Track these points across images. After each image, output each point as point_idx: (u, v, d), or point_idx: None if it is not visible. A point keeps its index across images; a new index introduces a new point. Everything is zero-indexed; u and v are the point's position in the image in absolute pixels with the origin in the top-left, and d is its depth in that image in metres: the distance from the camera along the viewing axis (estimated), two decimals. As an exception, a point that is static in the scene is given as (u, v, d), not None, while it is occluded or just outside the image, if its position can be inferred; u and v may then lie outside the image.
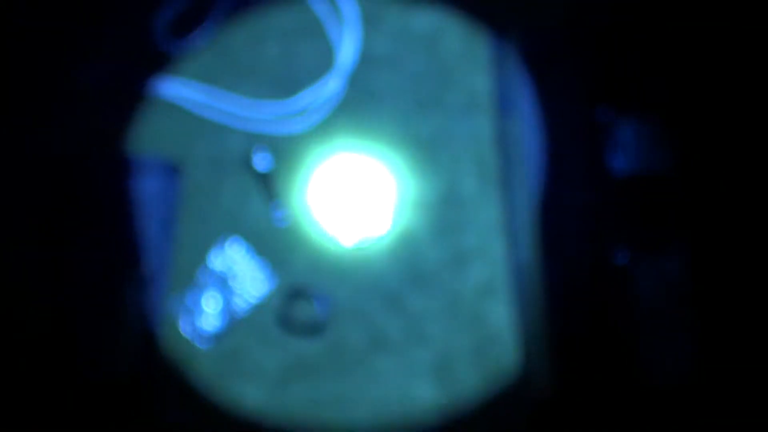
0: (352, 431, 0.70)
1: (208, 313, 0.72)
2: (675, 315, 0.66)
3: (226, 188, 0.75)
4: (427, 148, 0.77)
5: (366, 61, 0.79)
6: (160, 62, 0.78)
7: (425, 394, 0.71)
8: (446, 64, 0.79)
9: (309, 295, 0.73)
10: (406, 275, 0.74)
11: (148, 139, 0.76)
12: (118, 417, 0.69)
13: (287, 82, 0.78)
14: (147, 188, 0.72)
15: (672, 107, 0.69)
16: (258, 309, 0.73)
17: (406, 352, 0.72)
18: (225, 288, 0.73)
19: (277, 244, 0.74)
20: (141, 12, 0.79)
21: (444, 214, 0.75)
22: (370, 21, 0.81)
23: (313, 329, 0.71)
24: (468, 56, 0.80)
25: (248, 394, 0.70)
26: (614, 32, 0.71)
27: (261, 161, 0.75)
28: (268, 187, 0.75)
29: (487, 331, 0.72)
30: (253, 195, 0.75)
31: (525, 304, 0.69)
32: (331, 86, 0.78)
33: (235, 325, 0.72)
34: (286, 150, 0.76)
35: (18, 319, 0.71)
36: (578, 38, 0.70)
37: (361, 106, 0.78)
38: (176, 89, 0.77)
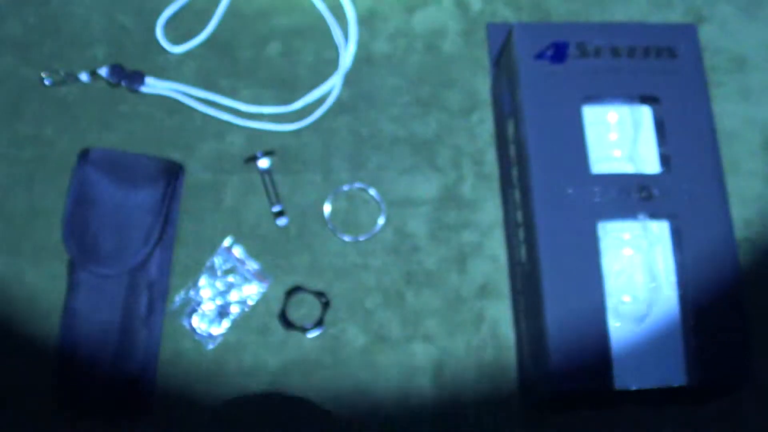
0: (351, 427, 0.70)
1: (209, 312, 0.72)
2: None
3: (226, 188, 0.75)
4: (427, 148, 0.77)
5: (366, 61, 0.79)
6: (159, 62, 0.78)
7: (424, 393, 0.71)
8: (446, 64, 0.79)
9: (309, 294, 0.73)
10: (407, 274, 0.74)
11: (148, 139, 0.76)
12: (118, 417, 0.69)
13: (288, 82, 0.78)
14: (147, 188, 0.72)
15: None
16: (258, 307, 0.73)
17: (405, 350, 0.72)
18: (225, 287, 0.73)
19: (277, 243, 0.74)
20: (141, 11, 0.79)
21: (444, 214, 0.75)
22: (370, 21, 0.81)
23: (313, 327, 0.71)
24: (468, 56, 0.80)
25: (248, 392, 0.70)
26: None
27: (261, 161, 0.75)
28: (269, 186, 0.75)
29: (487, 330, 0.72)
30: (253, 194, 0.75)
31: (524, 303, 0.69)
32: (331, 86, 0.78)
33: (235, 323, 0.72)
34: (286, 150, 0.77)
35: (20, 318, 0.71)
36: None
37: (361, 106, 0.78)
38: (177, 89, 0.77)
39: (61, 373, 0.69)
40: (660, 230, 0.69)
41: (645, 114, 0.72)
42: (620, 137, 0.71)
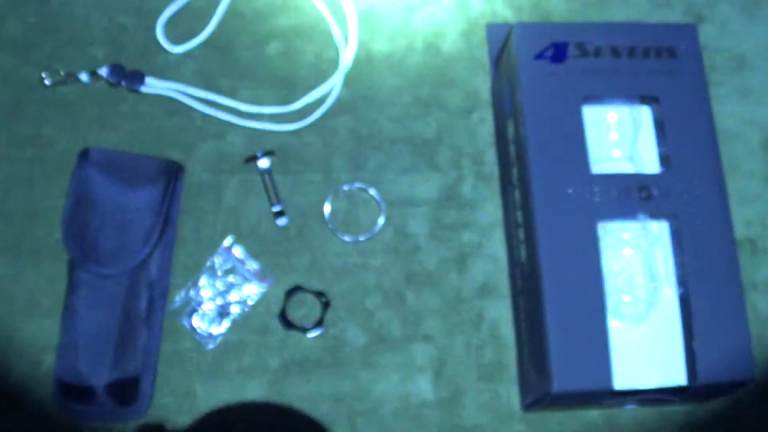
0: (351, 427, 0.70)
1: (209, 312, 0.72)
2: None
3: (226, 188, 0.75)
4: (427, 148, 0.77)
5: (366, 61, 0.79)
6: (159, 62, 0.78)
7: (424, 393, 0.71)
8: (446, 64, 0.79)
9: (309, 294, 0.73)
10: (407, 274, 0.74)
11: (148, 139, 0.76)
12: (118, 417, 0.69)
13: (288, 82, 0.78)
14: (147, 188, 0.72)
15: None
16: (258, 307, 0.73)
17: (405, 350, 0.72)
18: (225, 287, 0.73)
19: (277, 243, 0.74)
20: (141, 11, 0.79)
21: (444, 214, 0.75)
22: (370, 21, 0.81)
23: (313, 327, 0.71)
24: (468, 56, 0.80)
25: (249, 391, 0.70)
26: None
27: (261, 161, 0.75)
28: (269, 186, 0.75)
29: (487, 330, 0.72)
30: (253, 194, 0.75)
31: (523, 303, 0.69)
32: (331, 86, 0.78)
33: (235, 323, 0.72)
34: (286, 150, 0.77)
35: (20, 318, 0.71)
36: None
37: (361, 106, 0.78)
38: (177, 89, 0.77)
39: (61, 373, 0.69)
40: (660, 230, 0.69)
41: (645, 114, 0.72)
42: (620, 137, 0.71)
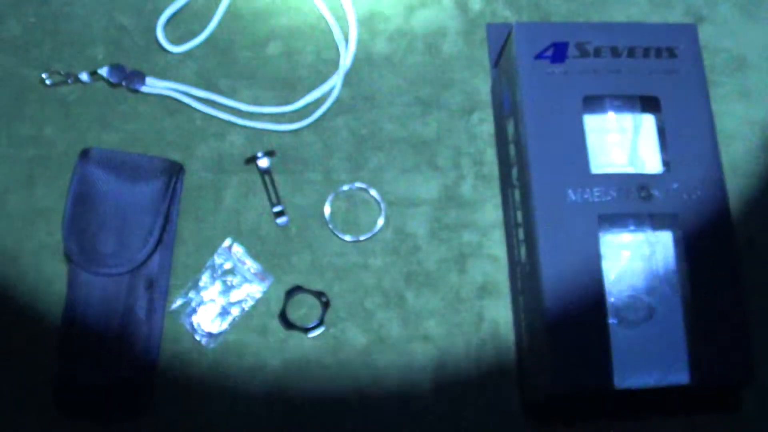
0: (351, 428, 0.70)
1: (209, 312, 0.72)
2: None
3: (226, 188, 0.75)
4: (427, 148, 0.77)
5: (366, 61, 0.79)
6: (159, 62, 0.78)
7: (424, 393, 0.71)
8: (446, 64, 0.79)
9: (309, 294, 0.73)
10: (407, 274, 0.74)
11: (148, 139, 0.76)
12: (118, 417, 0.69)
13: (288, 82, 0.78)
14: (147, 188, 0.72)
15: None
16: (258, 307, 0.73)
17: (405, 350, 0.72)
18: (225, 287, 0.73)
19: (277, 243, 0.74)
20: (141, 11, 0.79)
21: (444, 214, 0.75)
22: (370, 21, 0.81)
23: (313, 327, 0.71)
24: (468, 56, 0.80)
25: (249, 391, 0.70)
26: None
27: (262, 161, 0.75)
28: (269, 186, 0.75)
29: (487, 330, 0.72)
30: (253, 194, 0.75)
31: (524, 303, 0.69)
32: (331, 86, 0.78)
33: (235, 323, 0.72)
34: (286, 150, 0.77)
35: (20, 318, 0.71)
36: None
37: (361, 106, 0.78)
38: (177, 89, 0.77)
39: (61, 373, 0.69)
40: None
41: (645, 115, 0.72)
42: (620, 138, 0.71)
